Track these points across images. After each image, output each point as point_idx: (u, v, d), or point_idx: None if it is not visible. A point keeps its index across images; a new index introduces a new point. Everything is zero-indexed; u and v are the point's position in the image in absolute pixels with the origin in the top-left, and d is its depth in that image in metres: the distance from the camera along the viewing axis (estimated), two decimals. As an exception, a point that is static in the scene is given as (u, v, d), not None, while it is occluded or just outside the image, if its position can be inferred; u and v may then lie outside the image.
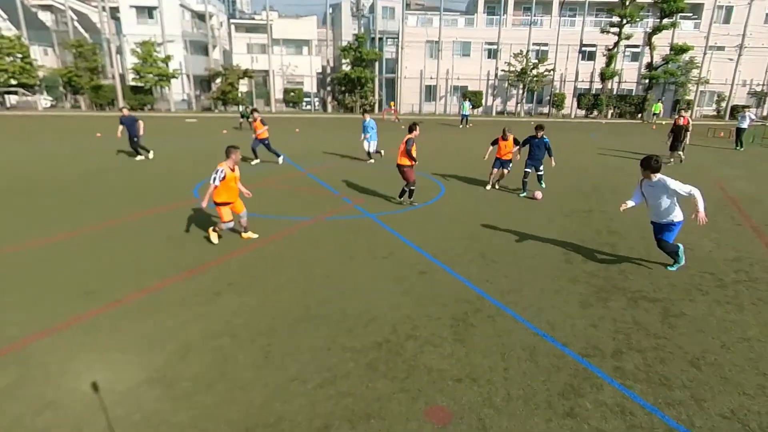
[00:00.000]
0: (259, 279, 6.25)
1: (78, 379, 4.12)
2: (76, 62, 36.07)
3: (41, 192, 10.82)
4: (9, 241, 7.54)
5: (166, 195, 10.73)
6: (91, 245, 7.44)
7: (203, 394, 3.95)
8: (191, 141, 20.67)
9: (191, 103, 41.05)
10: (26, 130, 23.59)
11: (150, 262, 6.76)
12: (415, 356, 4.55)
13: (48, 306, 5.42)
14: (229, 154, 7.22)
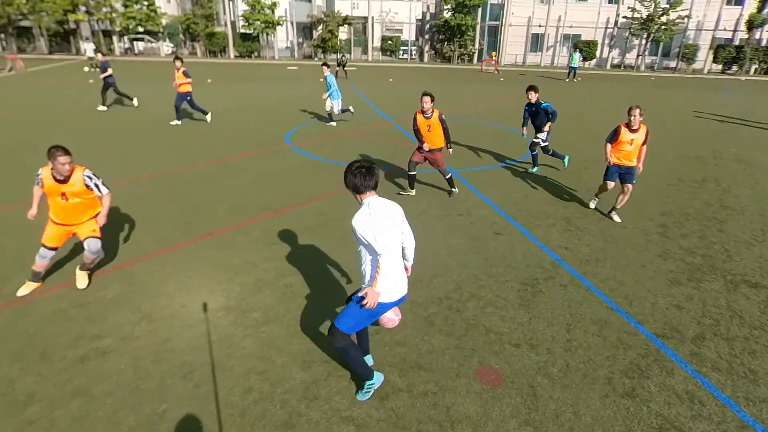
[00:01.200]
0: (333, 225, 6.49)
1: (170, 298, 4.68)
2: (193, 9, 38.55)
3: (158, 132, 12.01)
4: (127, 175, 8.55)
5: (261, 140, 11.36)
6: (193, 181, 8.20)
7: (271, 325, 4.29)
8: (290, 88, 21.44)
9: (293, 51, 42.27)
10: (150, 75, 26.01)
11: (240, 201, 7.31)
12: (475, 316, 4.51)
13: (152, 233, 6.14)
14: (49, 157, 4.32)
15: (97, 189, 4.64)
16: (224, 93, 19.15)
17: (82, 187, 4.54)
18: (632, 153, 6.62)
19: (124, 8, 37.05)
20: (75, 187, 4.51)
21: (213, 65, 32.65)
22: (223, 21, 40.25)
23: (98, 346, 3.99)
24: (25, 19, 36.20)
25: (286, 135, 11.82)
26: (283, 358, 3.86)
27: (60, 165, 4.33)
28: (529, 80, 28.39)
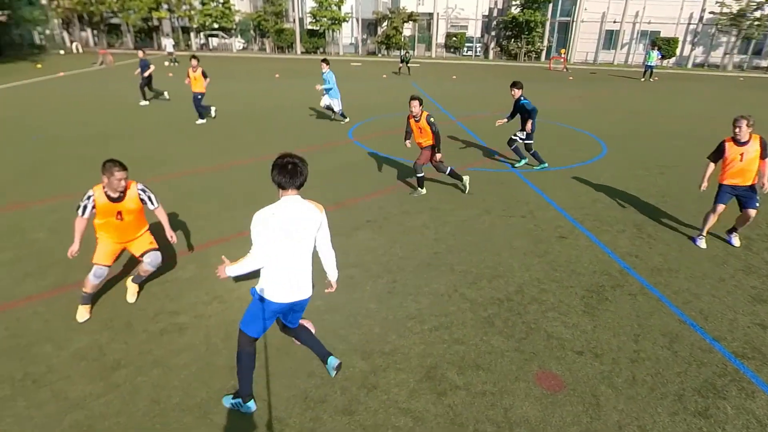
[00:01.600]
0: (395, 220, 6.57)
1: (240, 281, 4.95)
2: (265, 6, 40.10)
3: (235, 123, 12.64)
4: (200, 165, 9.08)
5: (325, 134, 11.66)
6: (262, 173, 8.57)
7: (332, 314, 4.44)
8: (354, 84, 21.79)
9: (358, 47, 42.86)
10: (224, 70, 27.36)
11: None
12: (536, 320, 4.42)
13: (225, 219, 6.50)
14: (104, 171, 4.04)
15: (150, 202, 4.38)
16: (291, 88, 19.79)
17: (138, 202, 4.27)
18: (746, 170, 5.59)
19: (201, 6, 39.15)
20: (131, 204, 4.22)
21: (280, 61, 33.80)
22: (292, 18, 41.52)
23: (175, 322, 4.30)
24: (114, 16, 39.19)
25: (349, 130, 12.05)
26: (343, 346, 3.99)
27: (116, 181, 4.00)
28: (601, 79, 27.09)
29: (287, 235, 3.00)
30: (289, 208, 3.05)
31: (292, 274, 3.10)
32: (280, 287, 3.09)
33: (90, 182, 4.44)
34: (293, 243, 3.04)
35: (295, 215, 3.05)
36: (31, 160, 9.03)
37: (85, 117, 12.95)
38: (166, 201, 7.08)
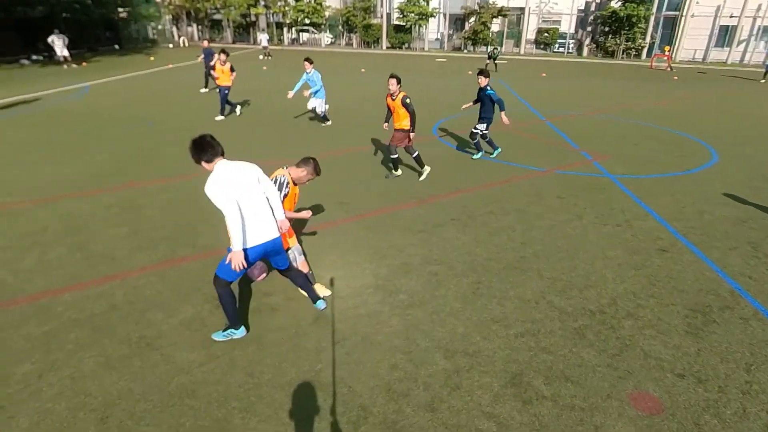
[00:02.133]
0: (479, 220, 6.45)
1: (327, 269, 5.14)
2: (354, 2, 40.96)
3: (310, 118, 13.09)
4: (296, 154, 9.49)
5: (410, 129, 11.69)
6: (349, 164, 8.81)
7: (416, 309, 4.46)
8: (439, 80, 21.64)
9: (443, 43, 42.45)
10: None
11: (389, 187, 7.65)
12: (632, 336, 4.14)
13: (315, 209, 6.75)
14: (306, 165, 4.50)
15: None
16: (376, 83, 20.07)
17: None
18: None
19: (295, 2, 40.84)
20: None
21: (366, 56, 34.39)
22: (380, 13, 42.02)
23: (268, 302, 4.56)
24: (217, 12, 42.06)
25: (433, 126, 12.00)
26: (426, 343, 4.00)
27: (307, 178, 4.47)
28: (712, 79, 24.64)
29: (240, 188, 3.55)
30: (229, 170, 3.56)
31: (255, 221, 3.64)
32: (251, 233, 3.61)
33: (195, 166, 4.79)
34: (247, 193, 3.60)
35: (235, 173, 3.58)
36: (146, 143, 9.97)
37: (191, 105, 14.04)
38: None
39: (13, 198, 6.91)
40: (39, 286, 4.74)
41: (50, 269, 5.06)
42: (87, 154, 9.12)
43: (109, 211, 6.53)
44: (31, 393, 3.42)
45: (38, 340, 3.97)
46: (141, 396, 3.40)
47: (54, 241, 5.66)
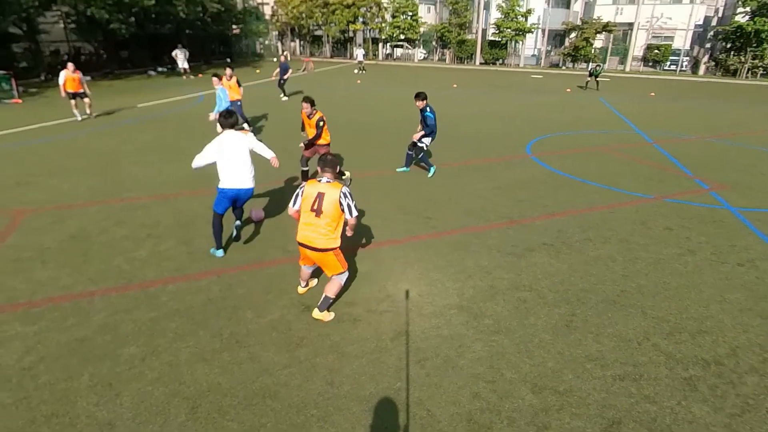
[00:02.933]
0: (575, 247, 6.03)
1: (410, 284, 5.07)
2: (450, 18, 41.14)
3: (410, 128, 13.18)
4: (379, 167, 9.62)
5: (502, 147, 11.37)
6: (436, 180, 8.72)
7: (502, 336, 4.23)
8: (534, 97, 20.92)
9: (540, 59, 41.11)
10: (406, 78, 28.84)
11: (477, 204, 7.45)
12: (756, 395, 3.58)
13: (400, 221, 6.75)
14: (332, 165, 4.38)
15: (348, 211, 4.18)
16: (468, 98, 19.88)
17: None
18: None
19: (392, 18, 41.93)
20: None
21: (459, 71, 34.27)
22: (474, 29, 41.77)
23: (350, 312, 4.58)
24: (319, 29, 44.41)
25: (527, 144, 11.55)
26: (512, 374, 3.76)
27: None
28: None
29: (226, 148, 5.25)
30: (227, 135, 5.33)
31: (234, 173, 5.30)
32: (228, 181, 5.31)
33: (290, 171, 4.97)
34: (231, 153, 5.26)
35: (231, 137, 5.31)
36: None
37: (289, 115, 14.84)
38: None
39: (135, 194, 7.70)
40: (149, 276, 5.18)
41: (160, 260, 5.52)
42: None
43: (213, 210, 7.02)
44: (134, 374, 3.71)
45: (145, 325, 4.31)
46: (228, 391, 3.55)
47: (165, 234, 6.19)
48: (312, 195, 4.14)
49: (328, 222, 4.11)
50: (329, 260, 4.26)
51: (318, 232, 4.13)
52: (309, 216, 4.14)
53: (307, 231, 4.17)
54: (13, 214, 6.75)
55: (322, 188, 4.14)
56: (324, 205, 4.09)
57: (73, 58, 26.18)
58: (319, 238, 4.13)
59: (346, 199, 4.13)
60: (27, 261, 5.42)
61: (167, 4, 26.20)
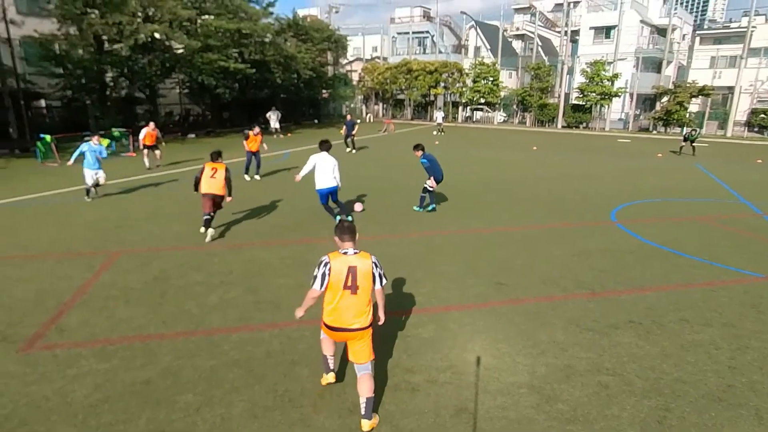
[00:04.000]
0: (669, 328, 5.31)
1: (476, 355, 4.70)
2: (531, 83, 41.30)
3: (489, 189, 12.99)
4: (448, 226, 9.44)
5: (583, 212, 10.74)
6: (510, 242, 8.34)
7: (579, 426, 3.71)
8: (620, 161, 19.88)
9: (627, 123, 39.51)
10: (485, 140, 28.94)
11: (555, 272, 6.94)
12: None
13: (467, 284, 6.44)
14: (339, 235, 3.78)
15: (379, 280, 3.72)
16: (548, 161, 19.36)
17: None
18: None
19: (472, 83, 42.97)
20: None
21: (540, 134, 33.81)
22: (557, 93, 41.46)
23: (409, 380, 4.30)
24: (401, 93, 46.59)
25: (612, 211, 10.80)
26: (590, 475, 3.23)
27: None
28: None
29: (320, 162, 8.64)
30: (322, 155, 8.66)
31: (325, 178, 8.64)
32: (321, 183, 8.64)
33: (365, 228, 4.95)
34: (324, 164, 8.63)
35: (325, 157, 8.69)
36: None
37: (370, 171, 15.29)
38: (414, 254, 7.55)
39: (214, 241, 8.13)
40: (215, 322, 5.30)
41: (227, 308, 5.65)
42: (276, 208, 10.43)
43: (283, 262, 7.19)
44: (187, 424, 3.68)
45: (205, 373, 4.34)
46: (274, 454, 3.38)
47: (235, 282, 6.39)
48: (342, 271, 3.53)
49: (364, 296, 3.59)
50: (365, 341, 3.67)
51: (358, 311, 3.58)
52: (344, 296, 3.54)
53: (345, 313, 3.56)
54: (110, 254, 7.38)
55: (351, 261, 3.57)
56: (359, 279, 3.55)
57: (184, 118, 29.56)
58: (360, 317, 3.58)
59: (378, 268, 3.67)
60: (112, 299, 5.80)
61: (267, 72, 29.03)
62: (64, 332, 5.04)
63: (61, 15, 20.61)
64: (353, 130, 20.80)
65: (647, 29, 41.29)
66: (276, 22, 32.66)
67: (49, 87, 22.03)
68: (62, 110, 24.52)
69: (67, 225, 8.95)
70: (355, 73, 49.21)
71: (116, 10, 20.17)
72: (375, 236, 8.53)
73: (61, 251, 7.50)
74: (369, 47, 52.33)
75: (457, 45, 51.77)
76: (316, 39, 35.78)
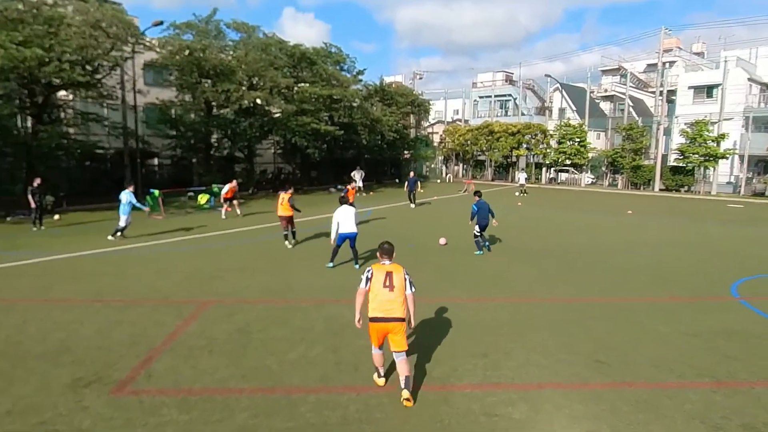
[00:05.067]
0: (828, 437, 4.28)
1: (577, 447, 4.07)
2: (623, 144, 39.33)
3: (578, 255, 12.11)
4: (544, 293, 8.77)
5: (695, 284, 9.55)
6: (608, 314, 7.51)
7: None
8: (734, 228, 17.82)
9: (738, 187, 35.86)
10: (573, 202, 27.65)
11: (667, 353, 6.05)
12: None
13: (561, 360, 5.78)
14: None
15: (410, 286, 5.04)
16: (645, 225, 17.87)
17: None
18: None
19: (557, 144, 41.93)
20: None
21: (634, 197, 31.68)
22: (652, 155, 39.06)
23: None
24: (482, 154, 46.64)
25: (732, 284, 9.47)
26: None
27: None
28: None
29: (342, 213, 9.81)
30: (342, 208, 9.92)
31: (348, 224, 9.79)
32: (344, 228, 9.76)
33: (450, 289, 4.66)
34: (346, 214, 9.80)
35: (345, 209, 9.93)
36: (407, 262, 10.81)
37: (446, 232, 15.01)
38: (501, 322, 6.99)
39: (298, 296, 8.22)
40: (295, 381, 5.17)
41: (307, 366, 5.52)
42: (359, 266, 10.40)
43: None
44: (259, 493, 3.46)
45: (279, 436, 4.15)
46: None
47: (317, 340, 6.29)
48: (382, 274, 4.92)
49: (399, 294, 4.83)
50: (401, 332, 4.79)
51: (395, 304, 4.80)
52: (383, 292, 4.82)
53: (386, 305, 4.79)
54: (201, 303, 7.69)
55: (388, 269, 4.97)
56: (394, 281, 4.86)
57: (276, 176, 31.68)
58: (398, 308, 4.80)
59: (408, 276, 5.05)
60: (198, 348, 5.93)
61: (354, 133, 30.59)
62: (152, 378, 5.17)
63: (180, 84, 23.61)
64: (415, 187, 21.81)
65: (756, 87, 38.28)
66: (364, 88, 34.77)
67: (162, 147, 24.90)
68: (171, 168, 27.44)
69: (165, 273, 9.58)
70: (437, 135, 50.30)
71: (226, 79, 22.67)
72: (456, 299, 8.13)
73: (158, 298, 7.96)
74: (450, 110, 53.60)
75: (541, 107, 51.44)
76: (401, 103, 37.39)
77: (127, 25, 18.85)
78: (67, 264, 10.26)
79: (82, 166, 22.56)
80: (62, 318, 6.91)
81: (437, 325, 6.89)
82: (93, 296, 7.99)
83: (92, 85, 18.89)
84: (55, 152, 18.19)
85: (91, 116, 20.76)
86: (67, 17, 17.06)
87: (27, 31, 15.60)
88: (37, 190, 14.28)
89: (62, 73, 16.13)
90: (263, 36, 27.00)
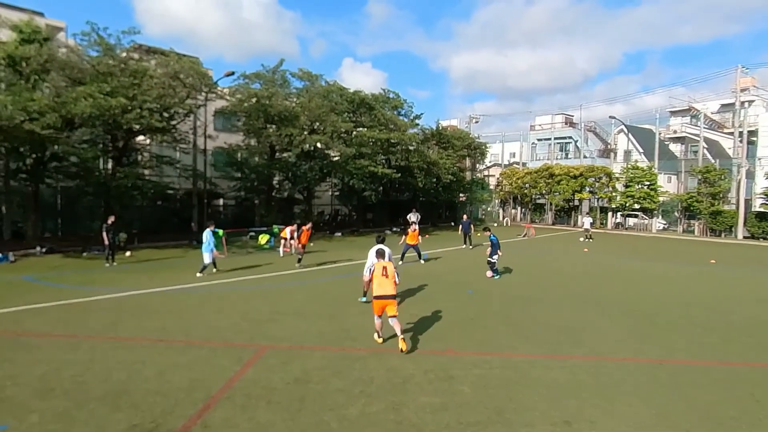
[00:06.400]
0: None
1: None
2: (699, 187, 36.69)
3: (660, 309, 10.96)
4: (626, 351, 7.86)
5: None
6: (709, 381, 6.52)
7: None
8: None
9: (837, 235, 32.16)
10: (645, 249, 25.78)
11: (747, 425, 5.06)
12: None
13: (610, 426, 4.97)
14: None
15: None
16: (736, 277, 16.13)
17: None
18: None
19: (624, 188, 39.87)
20: None
21: (714, 245, 29.13)
22: (733, 199, 36.12)
23: None
24: (541, 197, 45.18)
25: None
26: None
27: None
28: None
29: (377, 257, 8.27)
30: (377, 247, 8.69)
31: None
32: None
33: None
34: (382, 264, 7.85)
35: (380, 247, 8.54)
36: (467, 312, 10.23)
37: (505, 280, 14.24)
38: (582, 384, 6.17)
39: (356, 344, 7.84)
40: (353, 442, 4.73)
41: (367, 425, 5.07)
42: (419, 314, 9.90)
43: (426, 375, 6.48)
44: None
45: None
46: None
47: (376, 394, 5.84)
48: (380, 267, 7.67)
49: (391, 280, 7.55)
50: (394, 305, 7.50)
51: (391, 286, 7.53)
52: (382, 278, 7.53)
53: (384, 286, 7.50)
54: (259, 348, 7.49)
55: (384, 264, 7.73)
56: (388, 271, 7.59)
57: (333, 218, 32.15)
58: (392, 289, 7.53)
59: (396, 269, 7.89)
60: (255, 398, 5.65)
61: (410, 176, 30.69)
62: (208, 429, 4.92)
63: (247, 129, 24.89)
64: (469, 229, 23.03)
65: None
66: (421, 132, 35.14)
67: (228, 188, 26.06)
68: (234, 208, 28.57)
69: (225, 313, 9.56)
70: (493, 178, 49.58)
71: (290, 124, 23.63)
72: (528, 355, 7.44)
73: (217, 340, 7.86)
74: (507, 153, 52.98)
75: (604, 149, 49.61)
76: (457, 146, 37.36)
77: (202, 75, 20.27)
78: (135, 301, 10.53)
79: (153, 206, 23.97)
80: (126, 357, 6.92)
81: (508, 385, 6.23)
82: (157, 335, 8.03)
83: (168, 131, 20.26)
84: (131, 192, 19.39)
85: (165, 159, 22.24)
86: (149, 69, 18.60)
87: (114, 83, 17.08)
88: (111, 227, 15.14)
89: (142, 119, 17.40)
90: (325, 83, 28.19)
